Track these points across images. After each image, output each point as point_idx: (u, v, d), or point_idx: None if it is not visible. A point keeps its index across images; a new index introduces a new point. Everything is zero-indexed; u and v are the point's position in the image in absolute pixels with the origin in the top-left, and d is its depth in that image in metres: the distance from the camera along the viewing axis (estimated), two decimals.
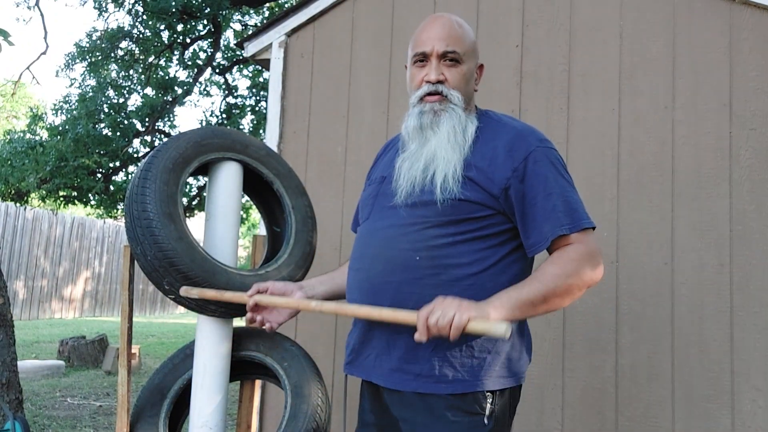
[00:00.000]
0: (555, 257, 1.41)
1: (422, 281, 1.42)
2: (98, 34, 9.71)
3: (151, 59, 9.85)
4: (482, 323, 1.26)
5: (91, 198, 9.46)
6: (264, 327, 1.68)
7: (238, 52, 9.87)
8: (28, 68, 10.17)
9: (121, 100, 9.38)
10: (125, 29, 9.44)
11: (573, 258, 1.39)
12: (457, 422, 1.40)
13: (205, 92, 10.94)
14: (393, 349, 1.44)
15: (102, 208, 9.89)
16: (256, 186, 2.14)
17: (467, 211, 1.43)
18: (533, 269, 1.49)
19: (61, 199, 9.49)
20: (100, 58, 9.50)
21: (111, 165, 9.35)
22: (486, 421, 1.40)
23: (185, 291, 1.74)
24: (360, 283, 1.51)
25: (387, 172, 1.58)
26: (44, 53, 9.57)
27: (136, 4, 9.27)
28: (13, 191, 9.64)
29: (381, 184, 1.58)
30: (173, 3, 8.65)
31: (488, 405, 1.41)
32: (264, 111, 9.70)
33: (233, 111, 9.98)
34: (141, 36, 9.61)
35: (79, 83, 9.86)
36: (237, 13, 10.36)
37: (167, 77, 9.87)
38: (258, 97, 10.13)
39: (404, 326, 1.39)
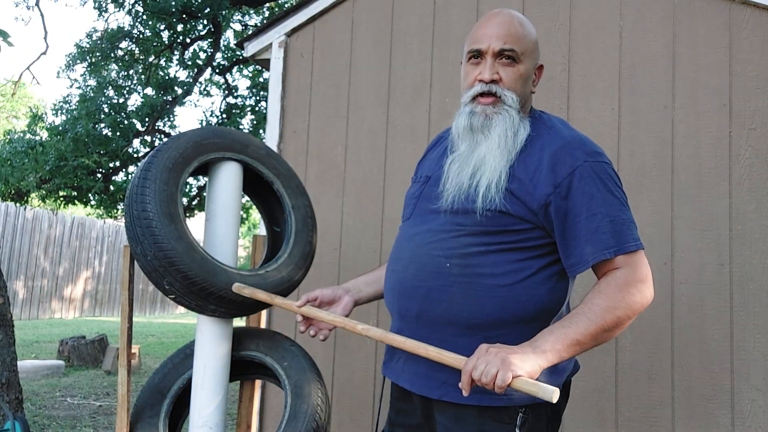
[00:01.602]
0: (602, 286, 1.34)
1: (452, 289, 1.39)
2: (98, 34, 9.71)
3: (151, 59, 9.85)
4: (528, 384, 1.16)
5: (91, 198, 9.46)
6: (318, 337, 1.65)
7: (238, 52, 9.87)
8: (28, 68, 10.19)
9: (121, 100, 9.38)
10: (125, 29, 9.45)
11: (620, 286, 1.32)
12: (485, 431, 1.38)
13: (205, 92, 10.94)
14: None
15: (102, 208, 9.89)
16: (256, 186, 2.14)
17: (504, 223, 1.38)
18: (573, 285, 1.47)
19: (61, 199, 9.49)
20: (100, 58, 9.50)
21: (111, 165, 9.35)
22: (518, 431, 1.36)
23: (237, 288, 1.76)
24: (394, 285, 1.51)
25: (432, 172, 1.54)
26: (44, 53, 9.58)
27: (136, 4, 9.27)
28: (13, 191, 9.63)
29: (425, 185, 1.54)
30: (173, 3, 8.65)
31: (520, 415, 1.36)
32: (264, 111, 9.69)
33: (233, 111, 9.98)
34: (141, 36, 9.61)
35: (80, 84, 9.87)
36: (237, 13, 10.36)
37: (167, 77, 9.86)
38: (258, 97, 10.12)
39: (434, 334, 1.39)
